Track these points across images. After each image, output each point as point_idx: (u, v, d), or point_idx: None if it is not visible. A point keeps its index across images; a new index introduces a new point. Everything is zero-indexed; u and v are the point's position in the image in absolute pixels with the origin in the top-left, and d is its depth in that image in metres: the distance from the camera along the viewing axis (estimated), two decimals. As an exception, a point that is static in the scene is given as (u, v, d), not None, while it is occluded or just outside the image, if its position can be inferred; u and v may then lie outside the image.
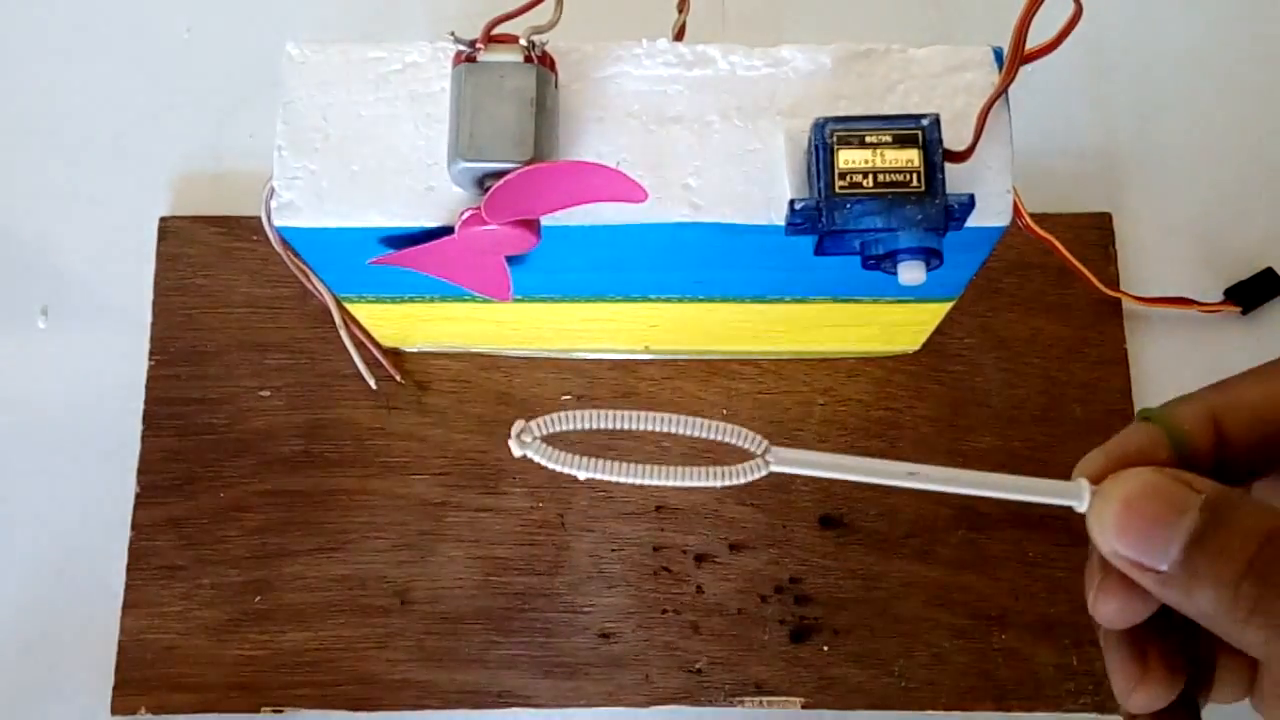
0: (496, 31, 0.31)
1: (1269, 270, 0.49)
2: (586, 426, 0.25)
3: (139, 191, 0.52)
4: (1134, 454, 0.24)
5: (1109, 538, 0.23)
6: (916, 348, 0.48)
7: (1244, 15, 0.54)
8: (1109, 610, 0.24)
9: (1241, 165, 0.52)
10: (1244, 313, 0.49)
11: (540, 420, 0.25)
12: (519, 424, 0.25)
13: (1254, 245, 0.50)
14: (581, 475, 0.25)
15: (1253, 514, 0.22)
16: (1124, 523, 0.23)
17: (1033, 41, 0.30)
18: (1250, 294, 0.49)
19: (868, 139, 0.31)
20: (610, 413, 0.24)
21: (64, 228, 0.51)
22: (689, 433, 0.25)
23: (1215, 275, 0.50)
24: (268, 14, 0.54)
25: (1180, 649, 0.25)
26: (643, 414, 0.25)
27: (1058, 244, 0.41)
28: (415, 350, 0.48)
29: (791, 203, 0.31)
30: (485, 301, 0.39)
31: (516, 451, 0.25)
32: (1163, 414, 0.25)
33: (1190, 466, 0.24)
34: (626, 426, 0.24)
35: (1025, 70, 0.31)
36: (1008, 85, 0.31)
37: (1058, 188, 0.51)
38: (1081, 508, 0.24)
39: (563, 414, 0.25)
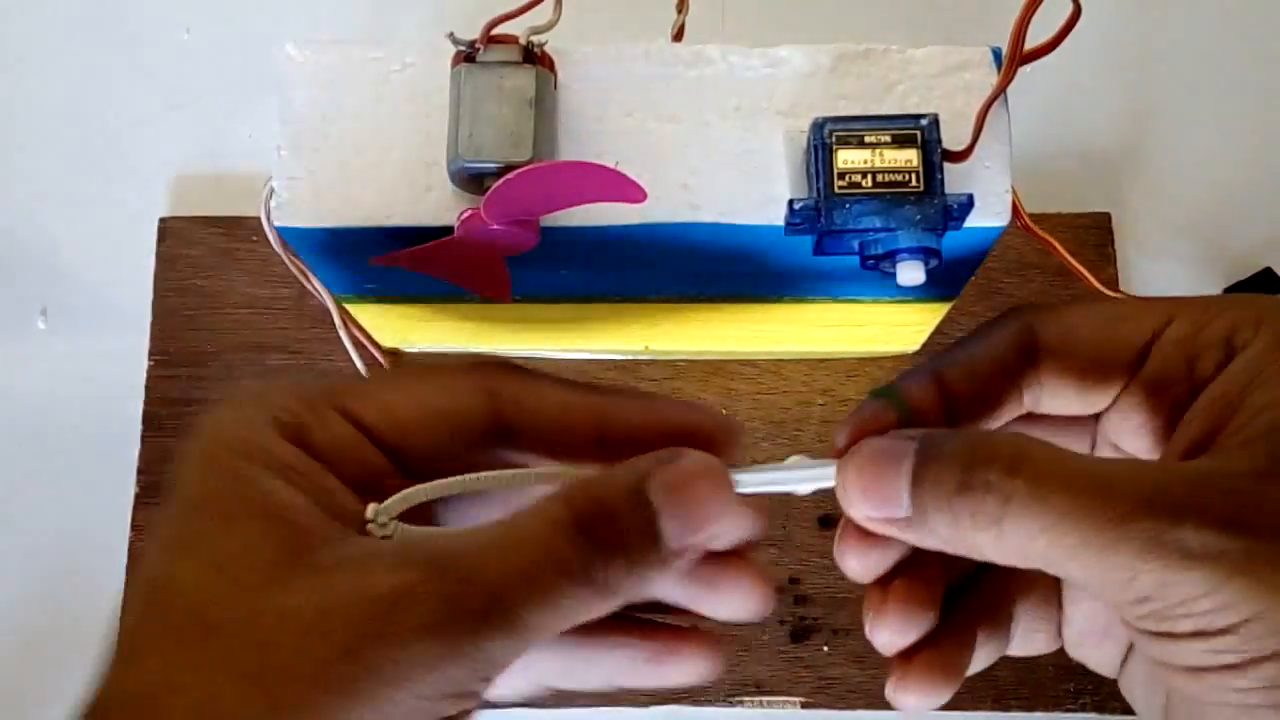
0: (496, 32, 0.31)
1: (1268, 270, 0.49)
2: (437, 496, 0.24)
3: (139, 192, 0.52)
4: (869, 428, 0.25)
5: (855, 505, 0.24)
6: (916, 348, 0.48)
7: (1244, 15, 0.54)
8: (851, 565, 0.26)
9: (1241, 165, 0.52)
10: (1244, 312, 0.49)
11: (393, 500, 0.24)
12: (371, 508, 0.23)
13: (1253, 245, 0.50)
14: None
15: (954, 439, 0.23)
16: (859, 486, 0.24)
17: (1032, 41, 0.30)
18: (1250, 293, 0.49)
19: (866, 139, 0.31)
20: (459, 479, 0.25)
21: (64, 228, 0.51)
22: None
23: (1215, 275, 0.50)
24: (268, 14, 0.54)
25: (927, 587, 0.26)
26: (488, 474, 0.25)
27: (1057, 244, 0.41)
28: (415, 350, 0.48)
29: (790, 202, 0.31)
30: (485, 301, 0.39)
31: (379, 535, 0.23)
32: (887, 388, 0.26)
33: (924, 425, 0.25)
34: (473, 490, 0.25)
35: (1025, 70, 0.31)
36: (1007, 85, 0.31)
37: (1057, 188, 0.51)
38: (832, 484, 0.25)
39: (415, 490, 0.24)
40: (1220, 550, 0.20)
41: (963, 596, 0.27)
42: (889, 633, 0.26)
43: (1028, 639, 0.28)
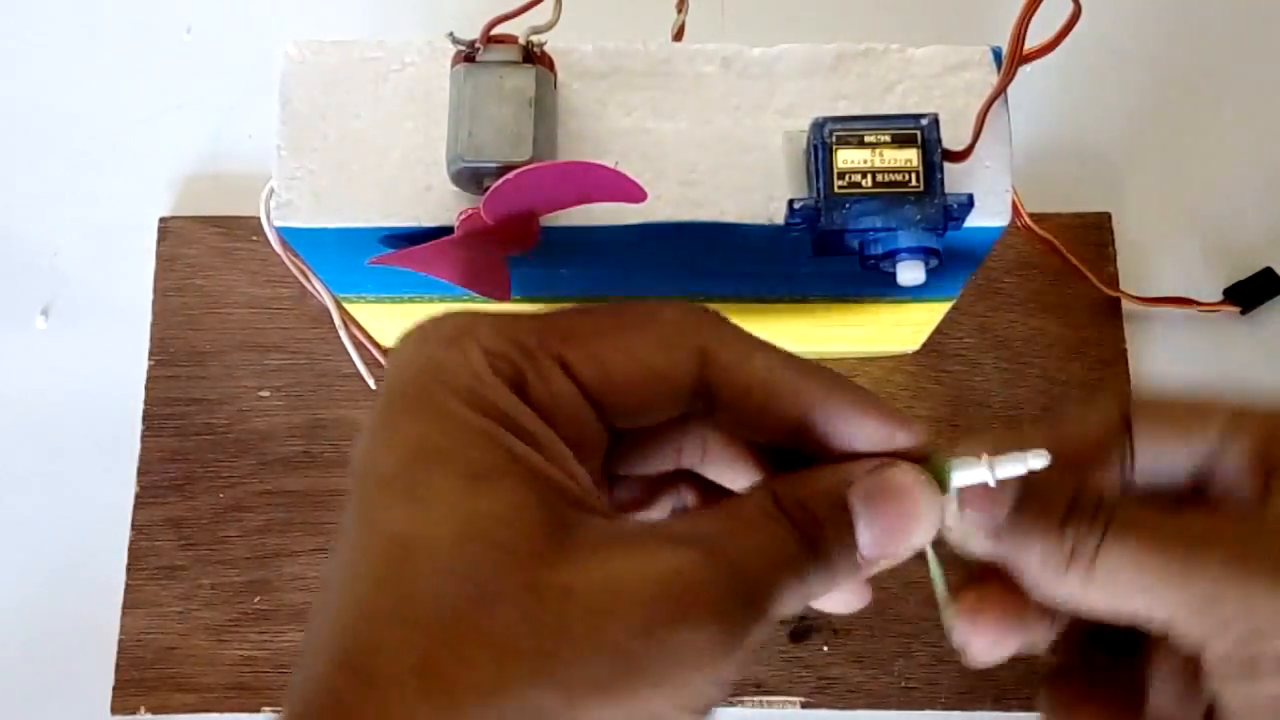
0: (495, 32, 0.31)
1: (1268, 270, 0.49)
2: None
3: (139, 192, 0.52)
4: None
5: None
6: (916, 348, 0.48)
7: (1244, 15, 0.54)
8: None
9: (1241, 165, 0.52)
10: (1243, 312, 0.49)
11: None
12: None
13: (1253, 245, 0.50)
14: None
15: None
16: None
17: (1032, 41, 0.30)
18: (1250, 293, 0.49)
19: (866, 139, 0.31)
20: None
21: (64, 228, 0.51)
22: None
23: (1215, 275, 0.50)
24: (268, 14, 0.54)
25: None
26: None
27: (1057, 244, 0.41)
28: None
29: (790, 202, 0.31)
30: (485, 302, 0.39)
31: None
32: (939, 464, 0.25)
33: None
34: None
35: (1025, 70, 0.31)
36: (1007, 85, 0.31)
37: (1057, 188, 0.51)
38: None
39: None
40: None
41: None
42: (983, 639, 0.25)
43: None
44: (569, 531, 0.20)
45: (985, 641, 0.25)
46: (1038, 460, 0.23)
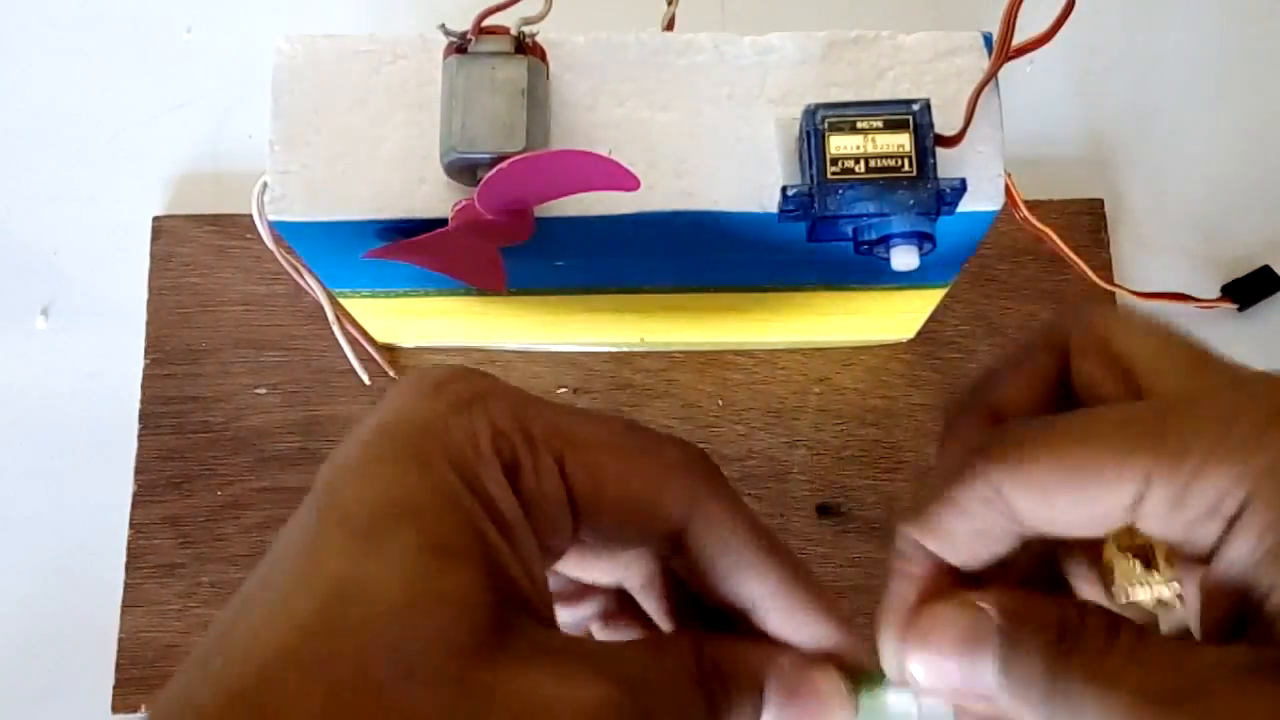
0: (487, 23, 0.31)
1: (1266, 268, 0.49)
2: None
3: (139, 192, 0.52)
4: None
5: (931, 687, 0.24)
6: (911, 336, 0.48)
7: (1241, 9, 0.54)
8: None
9: (1240, 161, 0.52)
10: (1241, 309, 0.49)
11: None
12: None
13: (1252, 242, 0.50)
14: None
15: (1037, 628, 0.22)
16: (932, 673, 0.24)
17: (1027, 32, 0.30)
18: (1248, 291, 0.49)
19: (859, 125, 0.31)
20: None
21: (63, 228, 0.51)
22: None
23: (1212, 271, 0.50)
24: (267, 14, 0.54)
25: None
26: None
27: (1052, 235, 0.41)
28: (410, 346, 0.48)
29: (784, 189, 0.31)
30: (479, 294, 0.39)
31: None
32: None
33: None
34: None
35: (1020, 62, 0.31)
36: (997, 70, 0.31)
37: (1055, 183, 0.51)
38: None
39: None
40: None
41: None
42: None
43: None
44: (507, 632, 0.20)
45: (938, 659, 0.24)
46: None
